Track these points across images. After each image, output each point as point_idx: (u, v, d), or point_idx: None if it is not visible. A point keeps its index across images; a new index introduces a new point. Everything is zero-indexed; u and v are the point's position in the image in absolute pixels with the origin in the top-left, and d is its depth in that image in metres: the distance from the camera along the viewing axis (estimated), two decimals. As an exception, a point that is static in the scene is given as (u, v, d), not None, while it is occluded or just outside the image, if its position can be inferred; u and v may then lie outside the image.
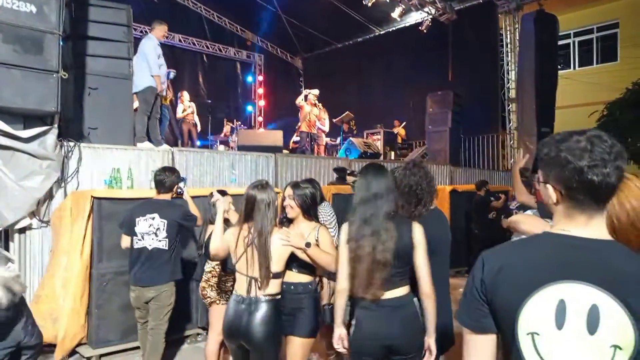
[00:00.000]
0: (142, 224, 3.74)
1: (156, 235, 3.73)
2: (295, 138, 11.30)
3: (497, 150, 11.67)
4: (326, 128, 10.94)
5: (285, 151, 8.92)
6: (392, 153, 11.02)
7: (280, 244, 2.70)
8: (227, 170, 6.31)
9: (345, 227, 2.50)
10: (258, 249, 2.65)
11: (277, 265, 2.70)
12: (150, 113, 6.41)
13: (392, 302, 2.39)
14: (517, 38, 11.29)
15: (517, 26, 11.43)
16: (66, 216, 4.56)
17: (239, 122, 12.45)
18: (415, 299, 2.47)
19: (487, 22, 11.80)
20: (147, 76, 6.34)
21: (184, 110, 10.48)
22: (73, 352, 4.44)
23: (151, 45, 6.44)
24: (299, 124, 10.55)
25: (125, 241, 3.86)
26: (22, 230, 4.70)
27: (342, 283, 2.47)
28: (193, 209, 4.03)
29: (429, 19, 11.99)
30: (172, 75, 8.48)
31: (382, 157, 10.16)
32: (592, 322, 1.11)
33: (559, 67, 11.43)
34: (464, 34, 11.74)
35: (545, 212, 2.33)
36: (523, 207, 5.81)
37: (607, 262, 1.15)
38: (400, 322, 2.37)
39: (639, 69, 11.79)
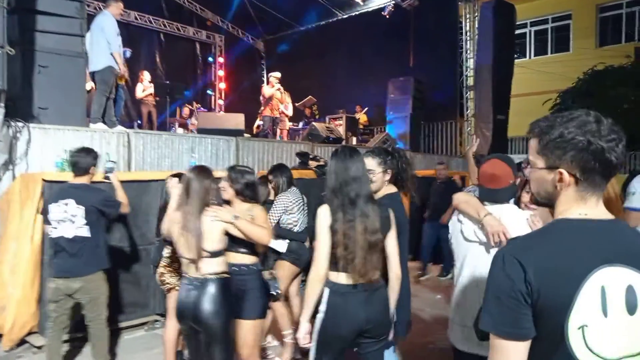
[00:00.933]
0: (55, 211, 3.41)
1: (72, 222, 3.40)
2: (258, 122, 11.17)
3: (455, 136, 11.93)
4: (289, 112, 10.86)
5: (247, 135, 8.80)
6: (354, 138, 11.07)
7: (210, 220, 2.74)
8: (187, 153, 6.17)
9: (325, 211, 2.38)
10: (189, 230, 2.70)
11: (212, 243, 2.74)
12: (109, 94, 6.16)
13: (369, 285, 2.37)
14: (476, 26, 11.50)
15: (476, 14, 11.62)
16: (15, 200, 4.34)
17: (199, 105, 12.17)
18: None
19: (448, 10, 11.93)
20: (105, 55, 6.04)
21: (144, 91, 10.15)
22: (22, 342, 4.27)
23: (109, 22, 6.12)
24: (262, 107, 10.42)
25: (46, 229, 3.59)
26: (-34, 215, 4.46)
27: (322, 270, 2.34)
28: (120, 195, 3.74)
29: (392, 5, 12.03)
30: (128, 54, 8.17)
31: (344, 142, 10.19)
32: (631, 303, 1.11)
33: (515, 55, 11.74)
34: (425, 20, 11.84)
35: (488, 198, 2.36)
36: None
37: (627, 240, 1.17)
38: (377, 305, 2.39)
39: (589, 59, 12.30)
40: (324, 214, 2.38)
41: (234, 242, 2.88)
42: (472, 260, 2.32)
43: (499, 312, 1.14)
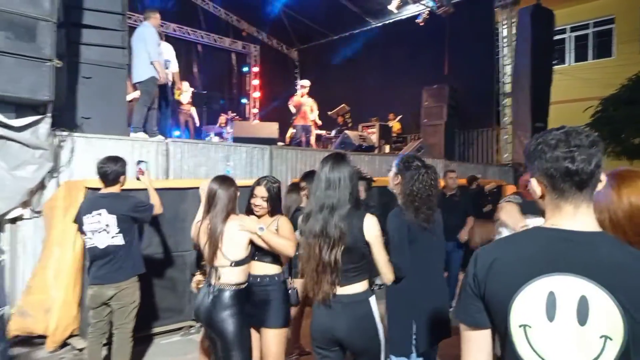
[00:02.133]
0: (89, 222, 3.47)
1: (107, 232, 3.44)
2: (291, 131, 11.26)
3: (491, 144, 11.69)
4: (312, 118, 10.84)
5: (280, 143, 8.89)
6: (387, 146, 11.01)
7: (236, 230, 2.79)
8: (222, 162, 6.27)
9: (299, 219, 2.51)
10: (213, 238, 2.77)
11: (236, 252, 2.79)
12: (150, 105, 6.36)
13: (343, 298, 2.33)
14: (514, 32, 11.28)
15: (513, 20, 11.41)
16: (59, 206, 4.52)
17: (234, 114, 12.38)
18: (371, 298, 2.40)
19: (484, 16, 11.75)
20: (147, 65, 6.25)
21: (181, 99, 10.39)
22: (65, 344, 4.41)
23: (151, 32, 6.34)
24: (294, 116, 10.51)
25: (82, 238, 3.68)
26: (14, 221, 4.66)
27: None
28: (152, 197, 3.72)
29: (426, 12, 11.95)
30: (169, 64, 8.40)
31: (377, 151, 10.15)
32: (582, 313, 1.14)
33: (554, 62, 11.45)
34: (461, 27, 11.69)
35: (528, 210, 2.34)
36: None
37: (595, 253, 1.18)
38: (349, 319, 2.32)
39: (633, 65, 11.84)
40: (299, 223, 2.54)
41: (258, 252, 2.93)
42: None
43: (459, 302, 1.32)
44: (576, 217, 1.22)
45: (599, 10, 14.89)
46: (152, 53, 6.26)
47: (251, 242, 2.85)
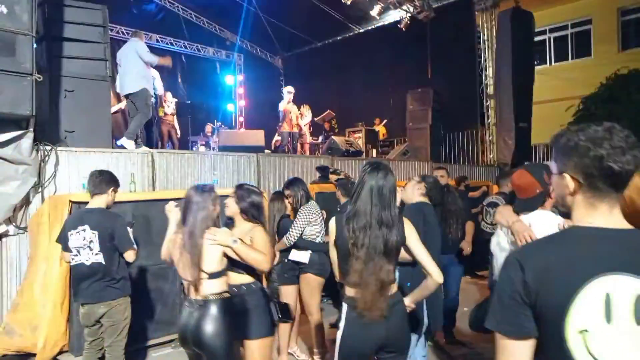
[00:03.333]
0: (75, 238, 3.39)
1: (91, 249, 3.36)
2: (276, 137, 11.27)
3: (476, 145, 11.81)
4: (303, 123, 10.89)
5: (267, 151, 8.88)
6: (374, 151, 11.07)
7: (209, 244, 2.66)
8: (209, 171, 6.25)
9: (340, 222, 2.41)
10: (189, 250, 2.62)
11: (212, 264, 2.67)
12: (149, 116, 6.63)
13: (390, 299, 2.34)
14: (494, 35, 11.44)
15: (493, 23, 11.57)
16: (44, 222, 4.45)
17: (220, 123, 12.35)
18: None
19: (465, 20, 11.91)
20: (140, 77, 6.44)
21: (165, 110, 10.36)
22: (54, 360, 4.35)
23: (142, 45, 6.62)
24: (280, 123, 10.52)
25: (65, 257, 3.55)
26: (-1, 237, 4.59)
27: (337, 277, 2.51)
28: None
29: (408, 17, 12.07)
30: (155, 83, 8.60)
31: (363, 155, 10.19)
32: (639, 312, 1.11)
33: (535, 62, 11.62)
34: (442, 31, 11.84)
35: (521, 207, 2.39)
36: (493, 204, 5.95)
37: (639, 249, 1.16)
38: (392, 321, 2.33)
39: (612, 64, 12.05)
40: (337, 225, 2.46)
41: (232, 263, 2.80)
42: None
43: (501, 312, 1.21)
44: (612, 215, 1.20)
45: (576, 11, 15.16)
46: (153, 59, 6.60)
47: (225, 254, 2.72)
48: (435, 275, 2.35)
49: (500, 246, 2.40)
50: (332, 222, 2.46)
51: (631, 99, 10.42)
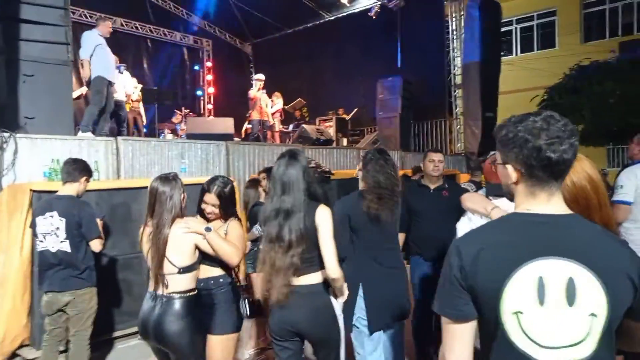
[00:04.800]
0: (42, 223, 3.35)
1: (57, 235, 3.31)
2: (246, 125, 11.15)
3: (445, 135, 11.98)
4: (272, 110, 10.80)
5: (236, 139, 8.77)
6: (345, 139, 11.09)
7: (181, 233, 2.57)
8: (177, 159, 6.13)
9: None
10: (158, 244, 2.54)
11: (183, 258, 2.57)
12: (103, 105, 6.43)
13: (300, 289, 2.36)
14: (463, 25, 11.57)
15: (462, 13, 11.70)
16: (3, 211, 4.28)
17: (188, 110, 12.12)
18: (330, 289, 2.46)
19: (434, 9, 12.01)
20: (94, 65, 6.36)
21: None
22: (14, 355, 4.21)
23: (88, 35, 6.54)
24: (249, 111, 10.41)
25: (35, 242, 3.52)
26: (-46, 228, 4.39)
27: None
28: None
29: (378, 5, 12.07)
30: (122, 69, 8.37)
31: (334, 144, 10.20)
32: (570, 294, 1.16)
33: (501, 53, 11.83)
34: (412, 20, 11.90)
35: (493, 192, 2.42)
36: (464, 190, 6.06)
37: (574, 234, 1.21)
38: (307, 310, 2.36)
39: (575, 55, 12.40)
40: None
41: (202, 256, 2.70)
42: None
43: (443, 296, 1.28)
44: (550, 202, 1.25)
45: (542, 2, 15.50)
46: (82, 52, 6.45)
47: (197, 248, 2.63)
48: (329, 269, 2.35)
49: None
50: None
51: (593, 90, 10.75)
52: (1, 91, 5.00)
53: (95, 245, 3.40)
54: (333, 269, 2.34)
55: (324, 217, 2.38)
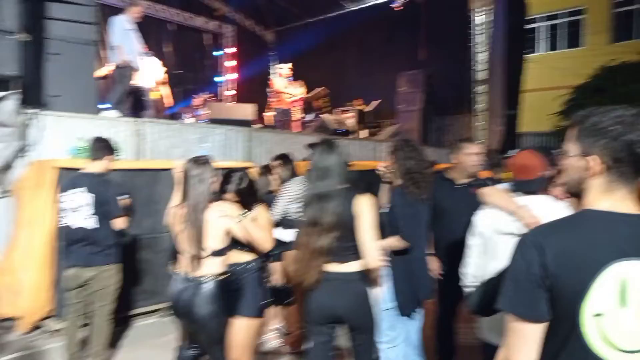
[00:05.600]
0: (69, 199, 3.42)
1: (84, 211, 3.38)
2: (269, 113, 11.14)
3: (465, 130, 11.83)
4: (296, 99, 10.80)
5: (257, 126, 8.79)
6: (364, 131, 11.03)
7: (217, 216, 2.61)
8: (197, 143, 6.16)
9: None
10: (192, 225, 2.58)
11: (215, 241, 2.62)
12: (127, 87, 6.59)
13: (341, 276, 2.41)
14: (488, 20, 11.38)
15: (488, 8, 11.50)
16: (28, 187, 4.36)
17: (209, 95, 12.15)
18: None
19: (459, 3, 11.80)
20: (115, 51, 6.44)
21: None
22: (38, 326, 4.30)
23: (117, 20, 6.54)
24: (271, 99, 10.39)
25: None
26: (-19, 201, 4.48)
27: None
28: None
29: (403, -3, 11.92)
30: (147, 56, 8.43)
31: (354, 135, 10.15)
32: None
33: (526, 50, 11.63)
34: (436, 14, 11.70)
35: (521, 188, 2.36)
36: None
37: None
38: (349, 296, 2.41)
39: (602, 55, 12.16)
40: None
41: (233, 241, 2.76)
42: (504, 253, 2.32)
43: (516, 294, 1.20)
44: (627, 200, 1.20)
45: (570, 0, 15.16)
46: (112, 37, 6.48)
47: (229, 233, 2.67)
48: (369, 258, 2.38)
49: (496, 229, 2.32)
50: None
51: (619, 91, 10.54)
52: (28, 69, 5.05)
53: (118, 223, 3.47)
54: (373, 257, 2.37)
55: (363, 205, 2.41)
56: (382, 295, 2.62)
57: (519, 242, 1.23)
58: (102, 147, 3.56)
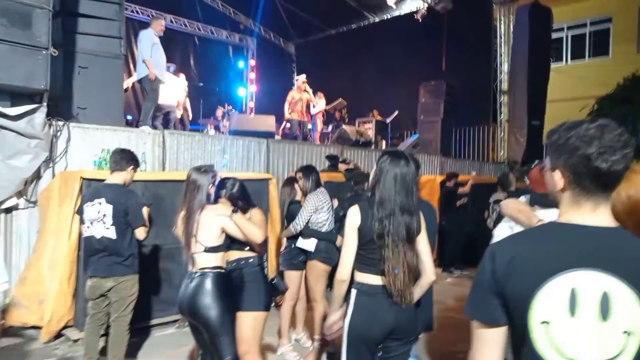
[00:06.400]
0: (90, 210, 3.49)
1: (103, 222, 3.44)
2: (285, 124, 11.23)
3: (487, 141, 11.71)
4: (315, 111, 10.85)
5: (277, 137, 8.86)
6: (384, 142, 11.01)
7: (211, 217, 2.84)
8: (219, 154, 6.25)
9: (365, 209, 2.37)
10: (189, 225, 2.83)
11: (209, 239, 2.83)
12: (156, 101, 6.82)
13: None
14: (511, 30, 11.28)
15: (511, 18, 11.41)
16: (54, 197, 4.48)
17: (231, 107, 12.32)
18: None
19: (482, 13, 11.76)
20: (143, 64, 6.62)
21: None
22: (59, 335, 4.39)
23: (145, 34, 6.75)
24: (289, 110, 10.48)
25: (82, 228, 3.69)
26: (9, 210, 4.63)
27: (346, 273, 2.37)
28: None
29: (425, 8, 11.93)
30: (172, 69, 8.62)
31: (373, 146, 10.14)
32: (604, 309, 1.11)
33: (551, 60, 11.46)
34: (459, 24, 11.68)
35: (539, 202, 2.32)
36: (499, 201, 5.90)
37: (615, 248, 1.16)
38: (401, 308, 2.31)
39: (629, 64, 11.86)
40: (359, 214, 2.37)
41: (231, 240, 2.96)
42: None
43: (475, 300, 1.26)
44: (595, 213, 1.20)
45: (596, 9, 14.89)
46: (143, 52, 6.63)
47: (224, 232, 2.87)
48: (429, 273, 2.41)
49: None
50: (356, 209, 2.40)
51: (646, 102, 10.27)
52: (58, 82, 5.22)
53: (140, 233, 3.53)
54: (433, 271, 2.42)
55: (423, 221, 2.42)
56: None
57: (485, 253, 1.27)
58: (123, 158, 3.62)
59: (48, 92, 4.57)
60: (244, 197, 3.14)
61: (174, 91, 8.56)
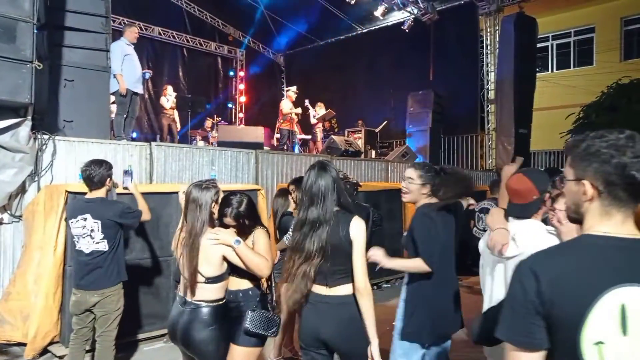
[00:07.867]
0: (75, 226, 3.44)
1: (92, 237, 3.40)
2: (276, 135, 11.25)
3: (476, 150, 11.80)
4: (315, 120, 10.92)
5: (266, 148, 8.85)
6: (373, 152, 11.05)
7: (210, 244, 2.55)
8: (207, 166, 6.22)
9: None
10: (189, 250, 2.54)
11: (211, 268, 2.56)
12: (126, 114, 6.65)
13: (330, 299, 2.35)
14: (497, 40, 11.41)
15: (497, 28, 11.56)
16: (39, 211, 4.42)
17: (219, 118, 12.32)
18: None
19: (468, 23, 11.90)
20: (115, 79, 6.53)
21: (168, 102, 10.34)
22: (45, 351, 4.31)
23: (117, 46, 6.58)
24: (280, 121, 10.50)
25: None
26: (-7, 225, 4.55)
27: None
28: (141, 204, 3.68)
29: (411, 19, 12.05)
30: (147, 75, 8.55)
31: (362, 156, 10.17)
32: None
33: (537, 69, 11.61)
34: (445, 34, 11.82)
35: (517, 212, 2.31)
36: (485, 209, 5.95)
37: None
38: (335, 320, 2.34)
39: (613, 73, 12.05)
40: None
41: (231, 267, 2.67)
42: (498, 273, 2.31)
43: (513, 322, 1.17)
44: (625, 225, 1.17)
45: (580, 19, 15.16)
46: (113, 65, 6.35)
47: (225, 259, 2.59)
48: (359, 284, 2.32)
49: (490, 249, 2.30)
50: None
51: (631, 109, 10.43)
52: (43, 95, 5.18)
53: (145, 217, 3.65)
54: (364, 282, 2.32)
55: (359, 229, 2.36)
56: (398, 322, 2.54)
57: (516, 269, 1.20)
58: (98, 175, 3.45)
59: (33, 105, 4.52)
60: (250, 215, 2.77)
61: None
